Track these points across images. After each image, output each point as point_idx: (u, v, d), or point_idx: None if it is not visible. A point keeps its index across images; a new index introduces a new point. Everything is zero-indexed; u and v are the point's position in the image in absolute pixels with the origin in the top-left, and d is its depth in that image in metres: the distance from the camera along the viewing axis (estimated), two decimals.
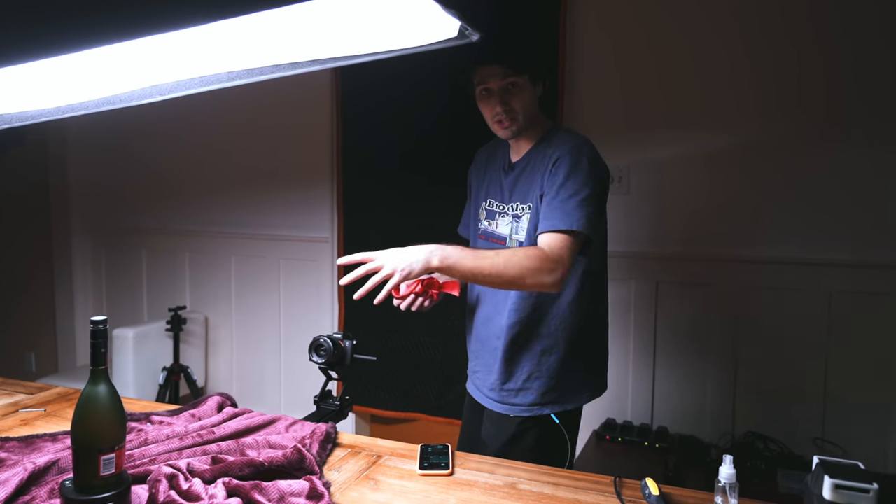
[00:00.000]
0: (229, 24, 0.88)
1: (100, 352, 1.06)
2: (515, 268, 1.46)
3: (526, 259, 1.47)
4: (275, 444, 1.32)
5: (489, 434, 1.75)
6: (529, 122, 1.67)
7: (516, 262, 1.47)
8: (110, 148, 3.82)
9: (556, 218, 1.53)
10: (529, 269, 1.46)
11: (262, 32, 0.97)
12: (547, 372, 1.68)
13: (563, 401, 1.69)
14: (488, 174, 1.83)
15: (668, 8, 2.55)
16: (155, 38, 0.86)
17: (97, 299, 3.98)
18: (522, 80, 1.62)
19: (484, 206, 1.81)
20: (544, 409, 1.68)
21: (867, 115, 2.34)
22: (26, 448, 1.34)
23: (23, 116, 1.28)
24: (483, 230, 1.80)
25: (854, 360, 2.40)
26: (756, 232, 2.50)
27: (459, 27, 0.97)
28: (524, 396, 1.69)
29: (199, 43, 0.99)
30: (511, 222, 1.70)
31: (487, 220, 1.79)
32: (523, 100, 1.63)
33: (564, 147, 1.60)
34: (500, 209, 1.75)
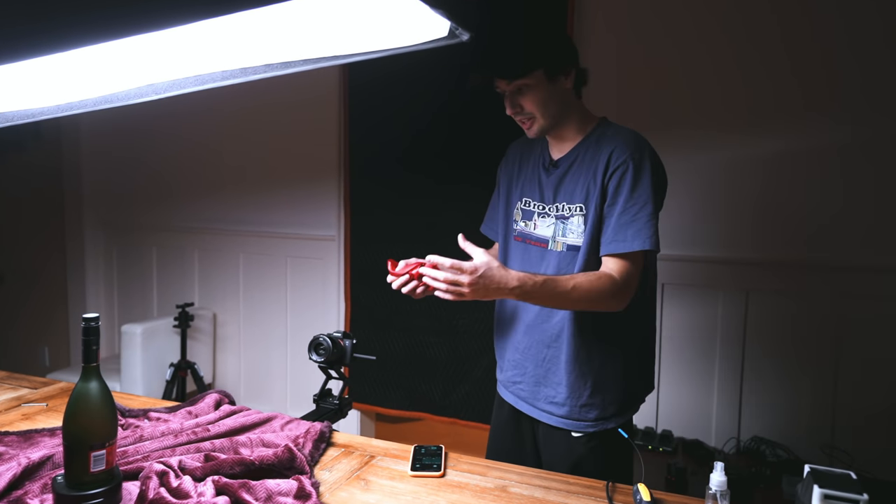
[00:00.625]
0: (223, 23, 0.89)
1: (91, 349, 1.07)
2: (586, 301, 1.45)
3: (599, 293, 1.44)
4: (269, 443, 1.32)
5: (553, 457, 1.62)
6: (557, 119, 1.57)
7: (590, 297, 1.44)
8: (123, 145, 3.86)
9: (626, 239, 1.46)
10: (601, 300, 1.45)
11: (255, 31, 0.97)
12: (610, 383, 1.58)
13: (624, 411, 1.60)
14: (523, 171, 1.71)
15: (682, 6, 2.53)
16: (150, 36, 0.87)
17: (108, 295, 4.02)
18: (532, 80, 1.52)
19: (519, 205, 1.69)
20: (608, 423, 1.57)
21: None
22: (24, 442, 1.35)
23: (23, 114, 1.29)
24: (519, 232, 1.69)
25: (865, 366, 2.36)
26: (751, 235, 2.47)
27: (449, 27, 0.97)
28: (588, 412, 1.57)
29: (194, 42, 0.99)
30: (554, 224, 1.59)
31: (524, 220, 1.67)
32: (536, 98, 1.53)
33: (623, 149, 1.49)
34: (539, 209, 1.63)
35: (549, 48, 1.55)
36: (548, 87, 1.53)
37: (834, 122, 2.36)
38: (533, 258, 1.64)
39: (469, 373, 2.93)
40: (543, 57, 1.52)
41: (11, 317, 4.26)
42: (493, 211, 1.85)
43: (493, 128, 2.80)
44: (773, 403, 2.49)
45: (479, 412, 2.91)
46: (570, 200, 1.57)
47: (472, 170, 2.85)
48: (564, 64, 1.54)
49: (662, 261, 2.54)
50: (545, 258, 1.61)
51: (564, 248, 1.57)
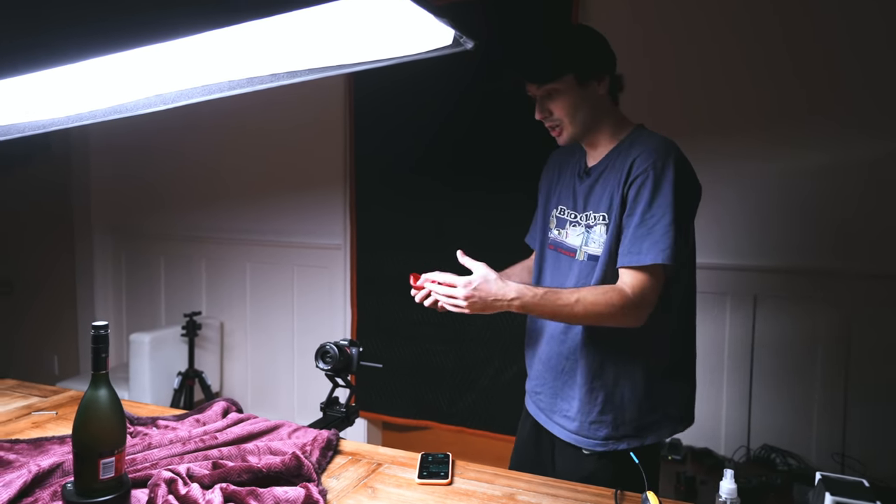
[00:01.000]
0: (229, 34, 0.89)
1: (101, 356, 1.08)
2: (595, 316, 1.40)
3: (607, 307, 1.38)
4: (276, 451, 1.32)
5: (563, 470, 1.59)
6: (589, 126, 1.52)
7: (597, 311, 1.39)
8: (131, 156, 3.89)
9: (640, 252, 1.40)
10: (611, 315, 1.39)
11: (261, 41, 0.98)
12: (624, 403, 1.52)
13: (641, 434, 1.52)
14: (561, 179, 1.67)
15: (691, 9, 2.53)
16: (158, 47, 0.88)
17: (117, 304, 4.04)
18: (563, 85, 1.47)
19: (555, 213, 1.65)
20: (620, 443, 1.51)
21: None
22: (34, 450, 1.36)
23: (34, 126, 1.31)
24: (552, 240, 1.65)
25: (876, 374, 2.34)
26: (759, 242, 2.46)
27: (454, 35, 0.98)
28: (597, 429, 1.53)
29: (201, 53, 1.00)
30: (583, 233, 1.54)
31: (557, 228, 1.63)
32: (565, 104, 1.48)
33: (645, 157, 1.43)
34: (571, 217, 1.59)
35: (581, 53, 1.49)
36: (578, 93, 1.48)
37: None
38: (563, 267, 1.61)
39: (476, 381, 2.93)
40: (574, 61, 1.47)
41: (21, 325, 4.29)
42: (535, 222, 1.81)
43: (500, 136, 2.82)
44: (783, 411, 2.47)
45: (486, 420, 2.90)
46: (596, 209, 1.53)
47: (479, 176, 2.86)
48: (597, 69, 1.49)
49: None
50: (572, 267, 1.57)
51: (585, 258, 1.53)
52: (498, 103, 2.82)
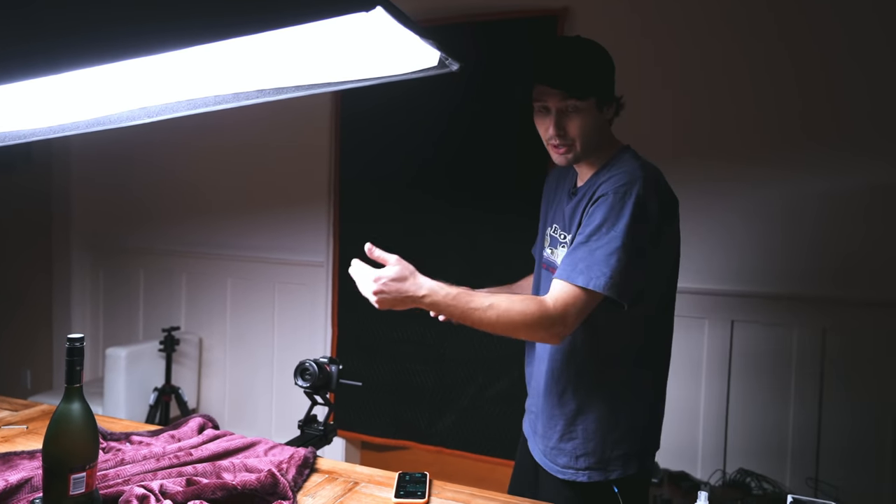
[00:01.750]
0: (216, 49, 0.90)
1: (75, 370, 1.07)
2: (507, 325, 1.36)
3: (520, 316, 1.34)
4: (252, 468, 1.31)
5: (545, 497, 1.55)
6: (593, 149, 1.50)
7: (509, 319, 1.35)
8: (113, 168, 3.87)
9: (574, 269, 1.36)
10: (524, 325, 1.35)
11: (249, 58, 0.99)
12: (579, 433, 1.50)
13: (602, 468, 1.49)
14: (555, 198, 1.67)
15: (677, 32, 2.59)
16: (143, 60, 0.88)
17: (94, 318, 3.99)
18: (585, 104, 1.43)
19: (549, 231, 1.64)
20: (578, 474, 1.50)
21: None
22: (2, 465, 1.33)
23: (15, 135, 1.30)
24: (546, 259, 1.64)
25: (850, 398, 2.37)
26: (750, 266, 2.50)
27: (440, 57, 0.99)
28: (556, 455, 1.54)
29: (187, 67, 1.00)
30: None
31: (550, 247, 1.62)
32: (583, 125, 1.44)
33: (612, 181, 1.40)
34: (561, 238, 1.57)
35: (606, 77, 1.49)
36: (595, 116, 1.46)
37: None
38: None
39: (455, 401, 2.92)
40: (601, 84, 1.46)
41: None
42: (540, 236, 1.79)
43: (486, 154, 2.84)
44: (759, 435, 2.49)
45: (466, 441, 2.89)
46: (571, 231, 1.53)
47: (465, 193, 2.88)
48: (613, 96, 1.49)
49: None
50: None
51: None
52: (485, 122, 2.85)
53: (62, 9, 0.84)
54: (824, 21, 2.36)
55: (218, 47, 0.87)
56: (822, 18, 2.36)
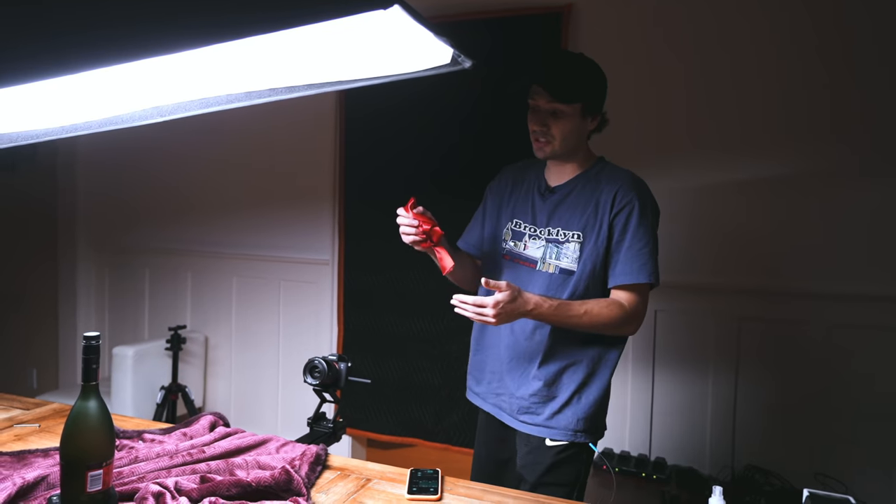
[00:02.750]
0: (228, 48, 0.90)
1: (91, 367, 1.07)
2: (598, 326, 1.61)
3: (609, 319, 1.60)
4: (264, 465, 1.31)
5: (526, 464, 1.72)
6: (569, 151, 1.69)
7: (600, 322, 1.60)
8: (118, 168, 3.87)
9: (632, 272, 1.62)
10: (612, 326, 1.61)
11: (261, 57, 0.99)
12: (588, 397, 1.69)
13: (596, 429, 1.71)
14: (515, 195, 1.82)
15: (675, 35, 2.59)
16: (156, 60, 0.88)
17: (100, 316, 4.00)
18: (570, 109, 1.63)
19: (510, 226, 1.80)
20: (580, 436, 1.68)
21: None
22: (18, 463, 1.34)
23: (28, 135, 1.31)
24: (509, 251, 1.79)
25: (857, 394, 2.38)
26: (757, 263, 2.50)
27: (452, 54, 0.99)
28: (563, 419, 1.68)
29: (200, 66, 1.01)
30: (545, 246, 1.70)
31: (514, 240, 1.77)
32: (564, 128, 1.64)
33: (627, 189, 1.64)
34: (530, 231, 1.74)
35: (595, 90, 1.67)
36: (577, 121, 1.65)
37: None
38: (522, 276, 1.73)
39: (462, 399, 2.90)
40: (587, 93, 1.65)
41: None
42: (474, 227, 1.96)
43: (491, 151, 2.84)
44: (767, 432, 2.49)
45: (473, 438, 2.89)
46: (567, 227, 1.68)
47: (472, 190, 2.87)
48: (598, 107, 1.69)
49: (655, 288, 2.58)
50: (532, 277, 1.71)
51: (557, 271, 1.68)
52: (489, 121, 2.85)
53: (73, 8, 0.84)
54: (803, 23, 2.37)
55: (231, 46, 0.87)
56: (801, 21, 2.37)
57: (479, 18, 2.84)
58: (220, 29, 0.76)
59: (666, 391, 2.63)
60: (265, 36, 0.86)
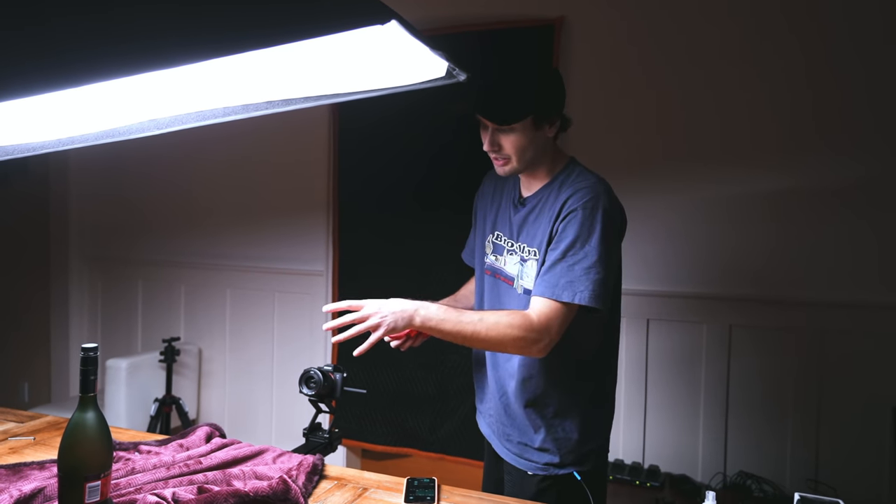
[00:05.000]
0: (225, 62, 0.92)
1: (89, 379, 1.07)
2: (497, 337, 1.44)
3: (509, 328, 1.42)
4: (261, 475, 1.32)
5: (511, 492, 1.65)
6: (531, 162, 1.56)
7: (498, 331, 1.43)
8: (110, 180, 3.88)
9: (556, 286, 1.44)
10: (512, 338, 1.43)
11: (258, 70, 1.01)
12: (565, 433, 1.58)
13: (583, 461, 1.59)
14: (495, 204, 1.72)
15: (658, 47, 2.62)
16: (154, 74, 0.89)
17: (92, 329, 3.98)
18: (519, 126, 1.50)
19: (491, 238, 1.70)
20: (561, 469, 1.58)
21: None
22: (13, 475, 1.34)
23: (24, 148, 1.31)
24: (489, 265, 1.70)
25: (848, 401, 2.40)
26: (748, 271, 2.53)
27: (447, 68, 1.01)
28: (541, 455, 1.60)
29: (197, 79, 1.02)
30: (518, 263, 1.59)
31: (494, 254, 1.68)
32: (516, 142, 1.51)
33: (578, 197, 1.47)
34: (508, 245, 1.64)
35: (540, 98, 1.52)
36: (530, 134, 1.52)
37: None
38: (502, 294, 1.65)
39: (457, 409, 2.93)
40: (533, 106, 1.50)
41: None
42: (470, 239, 1.90)
43: (480, 162, 2.86)
44: (758, 439, 2.51)
45: (467, 448, 2.90)
46: (530, 243, 1.57)
47: (466, 203, 2.89)
48: (552, 114, 1.53)
49: (646, 296, 2.60)
50: (510, 295, 1.62)
51: (522, 291, 1.58)
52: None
53: (76, 24, 0.85)
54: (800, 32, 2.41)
55: (228, 59, 0.89)
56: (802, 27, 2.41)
57: (471, 31, 2.87)
58: (220, 44, 0.77)
59: (659, 399, 2.65)
60: (263, 50, 0.87)
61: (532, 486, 1.60)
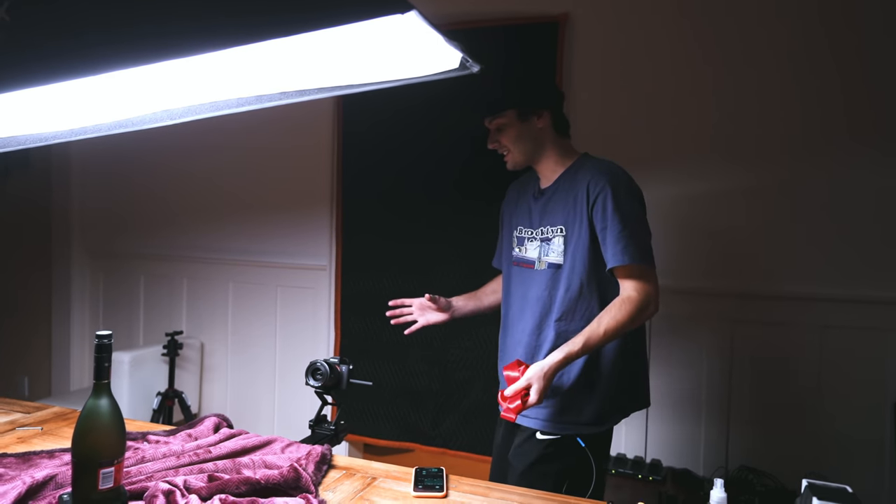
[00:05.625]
0: (240, 52, 0.92)
1: (103, 366, 1.08)
2: (622, 329, 1.63)
3: (626, 318, 1.62)
4: (271, 465, 1.33)
5: (516, 454, 1.78)
6: (532, 154, 1.78)
7: (621, 326, 1.62)
8: (112, 173, 3.87)
9: (616, 255, 1.63)
10: (632, 321, 1.63)
11: (272, 60, 1.01)
12: (590, 396, 1.72)
13: (599, 423, 1.73)
14: (519, 205, 1.91)
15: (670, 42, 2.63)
16: (168, 63, 0.90)
17: (94, 323, 3.98)
18: (506, 119, 1.75)
19: (515, 233, 1.89)
20: (569, 427, 1.71)
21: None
22: (23, 464, 1.35)
23: (36, 138, 1.32)
24: (515, 256, 1.87)
25: (848, 395, 2.41)
26: (751, 266, 2.54)
27: (461, 59, 1.02)
28: (561, 415, 1.72)
29: (210, 69, 1.02)
30: (539, 246, 1.78)
31: (518, 246, 1.87)
32: (510, 136, 1.76)
33: (598, 178, 1.67)
34: (528, 234, 1.83)
35: (521, 92, 1.76)
36: (520, 126, 1.75)
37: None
38: (525, 278, 1.82)
39: (459, 403, 2.94)
40: (514, 100, 1.74)
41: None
42: (500, 247, 2.04)
43: (484, 159, 2.87)
44: (759, 433, 2.53)
45: (470, 442, 2.91)
46: (553, 223, 1.76)
47: (470, 200, 2.90)
48: (535, 106, 1.74)
49: None
50: (533, 277, 1.79)
51: (546, 266, 1.76)
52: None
53: (97, 8, 0.86)
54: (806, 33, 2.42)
55: (242, 49, 0.89)
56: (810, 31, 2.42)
57: (475, 27, 2.87)
58: (241, 31, 0.78)
59: (661, 394, 2.66)
60: (278, 40, 0.88)
61: (538, 449, 1.73)
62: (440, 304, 2.02)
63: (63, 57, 0.86)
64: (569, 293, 1.72)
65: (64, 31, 0.88)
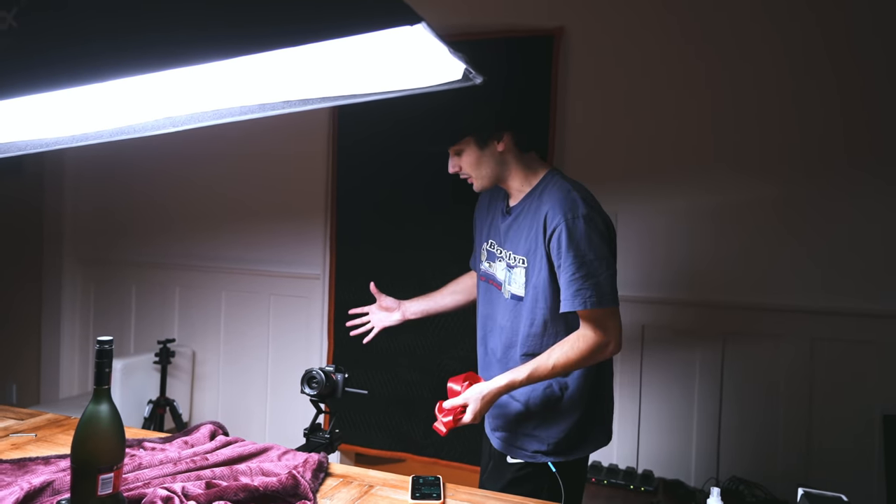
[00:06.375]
0: (243, 61, 0.93)
1: (104, 371, 1.08)
2: (570, 368, 1.59)
3: (575, 355, 1.56)
4: (268, 472, 1.33)
5: (490, 477, 1.76)
6: (495, 177, 1.70)
7: (568, 364, 1.57)
8: (105, 180, 3.86)
9: (568, 299, 1.55)
10: (584, 361, 1.58)
11: (276, 69, 1.02)
12: (554, 424, 1.67)
13: (566, 452, 1.68)
14: (489, 214, 1.85)
15: (660, 63, 2.67)
16: (171, 71, 0.91)
17: (84, 330, 3.96)
18: (465, 145, 1.69)
19: (486, 246, 1.82)
20: (542, 457, 1.67)
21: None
22: (19, 470, 1.34)
23: (38, 144, 1.32)
24: (484, 272, 1.82)
25: (838, 407, 2.44)
26: (741, 279, 2.57)
27: (464, 70, 1.04)
28: (528, 443, 1.69)
29: (214, 77, 1.03)
30: (505, 269, 1.71)
31: (488, 261, 1.80)
32: (469, 162, 1.70)
33: (556, 212, 1.57)
34: (497, 252, 1.76)
35: (477, 120, 1.68)
36: (479, 152, 1.68)
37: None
38: (493, 298, 1.77)
39: None
40: (471, 128, 1.68)
41: None
42: (475, 248, 1.98)
43: None
44: (750, 445, 2.54)
45: (461, 452, 2.91)
46: (515, 250, 1.69)
47: (463, 206, 2.90)
48: (493, 132, 1.66)
49: (642, 303, 2.63)
50: (500, 301, 1.73)
51: (510, 296, 1.69)
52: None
53: (103, 16, 0.87)
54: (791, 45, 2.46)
55: (247, 58, 0.90)
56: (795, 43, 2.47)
57: (470, 40, 2.90)
58: (248, 41, 0.79)
59: (653, 405, 2.67)
60: (285, 49, 0.89)
61: (509, 472, 1.70)
62: (385, 302, 2.01)
63: (69, 64, 0.87)
64: (533, 328, 1.65)
65: (71, 37, 0.89)
